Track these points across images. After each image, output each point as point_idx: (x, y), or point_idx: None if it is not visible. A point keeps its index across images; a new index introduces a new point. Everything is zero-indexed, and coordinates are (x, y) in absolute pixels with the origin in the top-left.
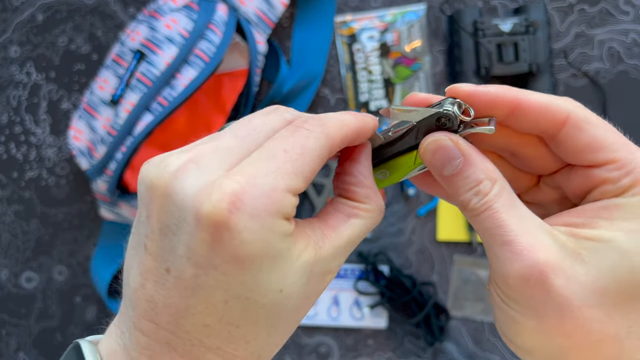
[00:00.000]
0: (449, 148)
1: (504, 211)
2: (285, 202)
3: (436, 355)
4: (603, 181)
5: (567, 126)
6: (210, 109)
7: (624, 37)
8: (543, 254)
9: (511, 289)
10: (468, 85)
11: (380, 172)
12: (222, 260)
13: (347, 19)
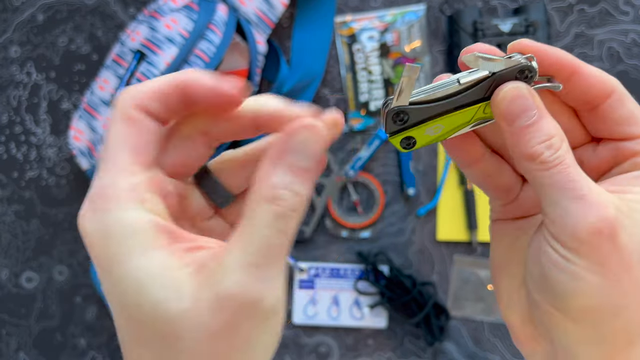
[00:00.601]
0: (528, 98)
1: (575, 167)
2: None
3: (436, 355)
4: (634, 153)
5: (611, 98)
6: None
7: (623, 37)
8: (613, 210)
9: (581, 243)
10: (533, 42)
11: (434, 126)
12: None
13: (347, 19)
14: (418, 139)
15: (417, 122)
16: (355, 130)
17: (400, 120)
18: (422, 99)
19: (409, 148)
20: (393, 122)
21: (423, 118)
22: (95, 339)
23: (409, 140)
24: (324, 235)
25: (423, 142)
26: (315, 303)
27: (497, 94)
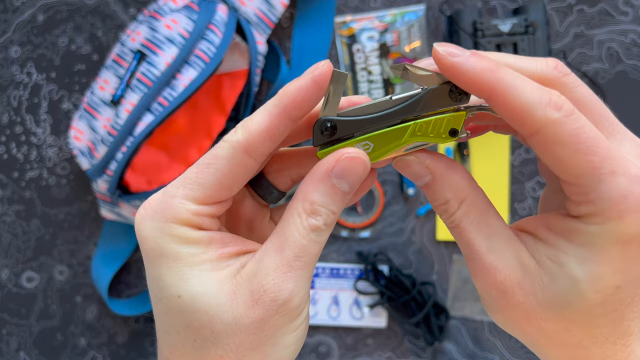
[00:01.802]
0: (416, 167)
1: (471, 230)
2: (181, 208)
3: (436, 354)
4: (568, 195)
5: (535, 138)
6: (210, 109)
7: (623, 38)
8: (502, 274)
9: (483, 297)
10: (451, 52)
11: (363, 143)
12: (144, 256)
13: (347, 19)
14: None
15: (346, 137)
16: None
17: (327, 131)
18: (351, 112)
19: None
20: (320, 133)
21: (351, 133)
22: (96, 338)
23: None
24: None
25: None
26: (315, 303)
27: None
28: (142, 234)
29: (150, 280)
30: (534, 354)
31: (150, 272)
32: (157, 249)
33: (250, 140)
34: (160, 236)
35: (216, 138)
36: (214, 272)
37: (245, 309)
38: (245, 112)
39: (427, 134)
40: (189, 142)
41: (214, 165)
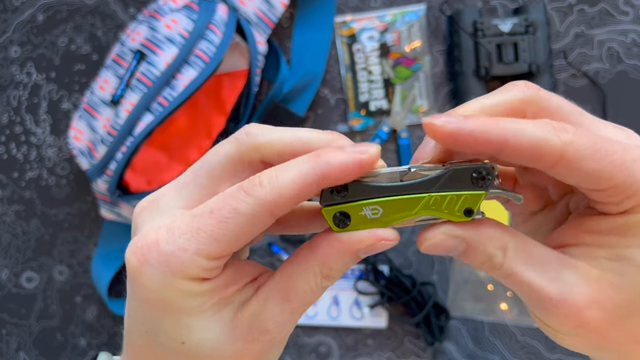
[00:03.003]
0: (449, 243)
1: (523, 270)
2: (192, 264)
3: (436, 355)
4: (603, 204)
5: (559, 165)
6: (210, 109)
7: (623, 38)
8: (578, 297)
9: (560, 333)
10: (447, 120)
11: (372, 207)
12: (136, 297)
13: (347, 19)
14: (353, 217)
15: (355, 199)
16: (355, 130)
17: (338, 192)
18: (365, 176)
19: (342, 227)
20: (330, 192)
21: (362, 196)
22: (96, 338)
23: (343, 216)
24: None
25: (358, 224)
26: (315, 303)
27: (420, 245)
28: (143, 283)
29: (144, 317)
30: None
31: (146, 313)
32: (160, 301)
33: (279, 202)
34: (166, 291)
35: (216, 138)
36: (216, 316)
37: (244, 343)
38: (245, 112)
39: (440, 209)
40: (189, 142)
41: (234, 221)
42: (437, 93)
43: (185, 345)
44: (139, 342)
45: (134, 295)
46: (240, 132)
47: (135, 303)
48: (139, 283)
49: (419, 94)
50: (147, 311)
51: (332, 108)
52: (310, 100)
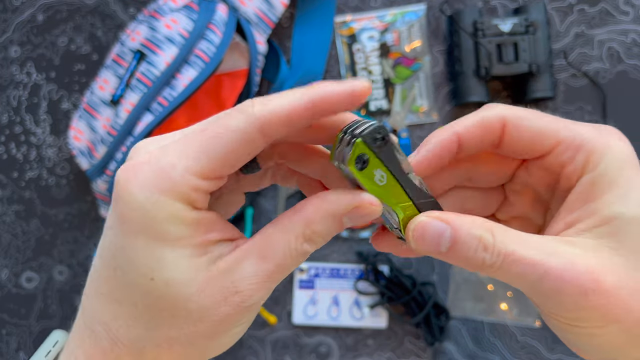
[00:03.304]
0: (432, 224)
1: (520, 249)
2: (182, 182)
3: (436, 355)
4: (561, 165)
5: (506, 130)
6: (210, 109)
7: (623, 37)
8: (581, 264)
9: (577, 312)
10: (420, 155)
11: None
12: (114, 220)
13: (347, 19)
14: (369, 167)
15: (383, 158)
16: None
17: (376, 140)
18: (397, 151)
19: (357, 168)
20: (373, 138)
21: (387, 160)
22: None
23: (365, 161)
24: None
25: (365, 178)
26: (315, 303)
27: (409, 241)
28: (127, 200)
29: (117, 249)
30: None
31: (121, 242)
32: (140, 223)
33: (268, 118)
34: (151, 210)
35: None
36: (192, 259)
37: (212, 303)
38: None
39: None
40: None
41: (225, 137)
42: (437, 93)
43: (154, 283)
44: (102, 289)
45: (113, 220)
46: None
47: (111, 231)
48: (123, 201)
49: (419, 94)
50: (123, 237)
51: None
52: None
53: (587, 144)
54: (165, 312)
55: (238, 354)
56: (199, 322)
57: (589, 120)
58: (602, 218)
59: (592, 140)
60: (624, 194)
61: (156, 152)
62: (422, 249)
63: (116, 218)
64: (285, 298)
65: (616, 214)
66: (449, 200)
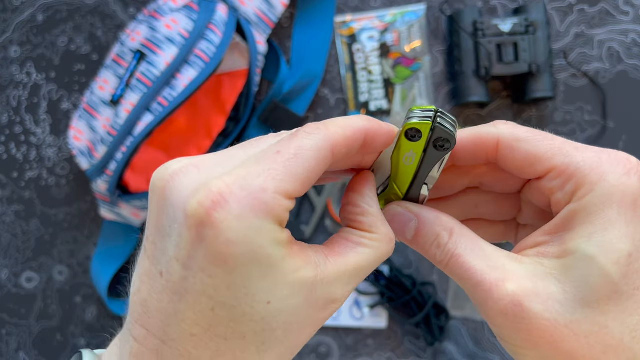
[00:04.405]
0: (403, 214)
1: (467, 254)
2: (275, 204)
3: (436, 355)
4: (551, 191)
5: (499, 150)
6: (210, 109)
7: (623, 37)
8: (512, 284)
9: (498, 328)
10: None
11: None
12: (207, 262)
13: (347, 19)
14: (421, 138)
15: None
16: None
17: (431, 118)
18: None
19: (408, 139)
20: (434, 118)
21: (436, 139)
22: (95, 339)
23: (417, 131)
24: (324, 235)
25: (408, 146)
26: None
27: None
28: (228, 238)
29: (217, 289)
30: None
31: (225, 280)
32: (249, 254)
33: (337, 137)
34: (256, 238)
35: (216, 138)
36: (296, 275)
37: (317, 310)
38: (245, 112)
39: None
40: (189, 142)
41: (303, 156)
42: (437, 93)
43: (270, 306)
44: (194, 330)
45: (204, 261)
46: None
47: (204, 274)
48: (224, 241)
49: (419, 94)
50: (229, 275)
51: (332, 108)
52: (310, 100)
53: (580, 174)
54: (279, 330)
55: None
56: (303, 330)
57: (589, 120)
58: (564, 250)
59: (585, 171)
60: (592, 232)
61: (234, 180)
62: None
63: (212, 257)
64: None
65: (576, 249)
66: (463, 199)
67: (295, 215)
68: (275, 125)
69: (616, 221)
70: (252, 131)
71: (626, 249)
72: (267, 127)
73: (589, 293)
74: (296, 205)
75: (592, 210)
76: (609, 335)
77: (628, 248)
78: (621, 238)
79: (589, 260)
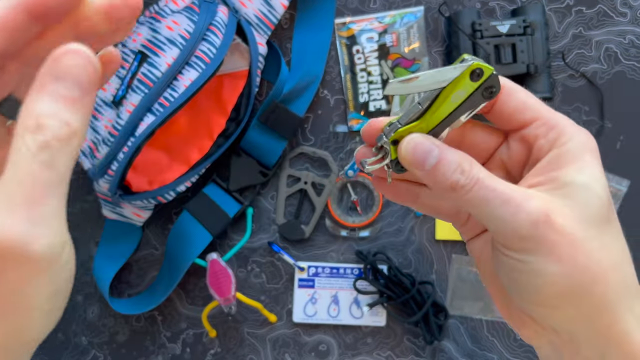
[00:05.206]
0: (424, 143)
1: (491, 179)
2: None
3: (435, 353)
4: (535, 137)
5: (501, 94)
6: (211, 110)
7: (621, 38)
8: (538, 201)
9: (526, 241)
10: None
11: (457, 92)
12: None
13: (346, 20)
14: (485, 76)
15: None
16: (354, 131)
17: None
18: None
19: (472, 79)
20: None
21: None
22: (97, 337)
23: (481, 72)
24: (324, 234)
25: (465, 85)
26: (315, 302)
27: (400, 151)
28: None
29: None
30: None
31: None
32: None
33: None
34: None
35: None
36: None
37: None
38: (246, 113)
39: (419, 125)
40: (190, 143)
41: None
42: None
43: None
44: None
45: None
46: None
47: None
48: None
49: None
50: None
51: (332, 108)
52: (310, 101)
53: (560, 125)
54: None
55: (239, 352)
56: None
57: (587, 120)
58: (560, 183)
59: (565, 125)
60: (581, 168)
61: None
62: (409, 160)
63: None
64: (285, 297)
65: (571, 181)
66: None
67: (295, 215)
68: (275, 125)
69: (593, 163)
70: (252, 131)
71: (605, 183)
72: (267, 128)
73: (592, 214)
74: (296, 205)
75: (575, 154)
76: (613, 253)
77: (605, 183)
78: (601, 175)
79: (586, 187)
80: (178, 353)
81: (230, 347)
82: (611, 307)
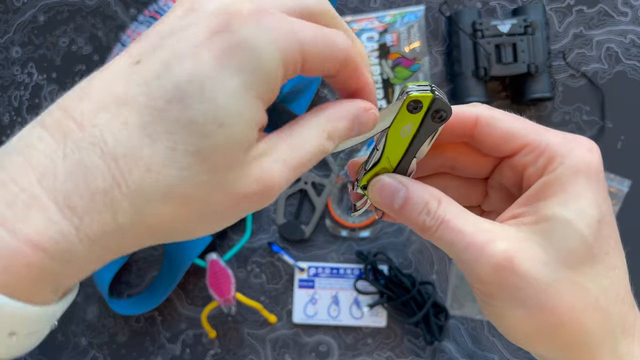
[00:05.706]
0: (391, 183)
1: (456, 219)
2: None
3: (435, 354)
4: (524, 166)
5: (478, 126)
6: None
7: (622, 38)
8: (502, 243)
9: (488, 286)
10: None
11: (414, 126)
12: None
13: (346, 20)
14: (423, 111)
15: (430, 109)
16: None
17: (436, 91)
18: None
19: (409, 110)
20: (432, 90)
21: (433, 112)
22: (96, 338)
23: (417, 104)
24: (324, 234)
25: (408, 118)
26: (315, 302)
27: (369, 195)
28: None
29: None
30: None
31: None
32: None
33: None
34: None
35: None
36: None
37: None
38: None
39: (383, 165)
40: None
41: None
42: None
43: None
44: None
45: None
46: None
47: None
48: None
49: None
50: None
51: None
52: (310, 101)
53: (551, 149)
54: (206, 164)
55: (239, 352)
56: (230, 189)
57: (587, 120)
58: (541, 216)
59: (555, 146)
60: (566, 199)
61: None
62: (378, 203)
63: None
64: (285, 297)
65: (552, 215)
66: (433, 182)
67: (295, 216)
68: (275, 125)
69: (585, 190)
70: None
71: (596, 214)
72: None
73: (568, 254)
74: (296, 205)
75: (564, 181)
76: (587, 295)
77: (597, 214)
78: (591, 205)
79: (567, 223)
80: (178, 354)
81: (230, 348)
82: (590, 347)
